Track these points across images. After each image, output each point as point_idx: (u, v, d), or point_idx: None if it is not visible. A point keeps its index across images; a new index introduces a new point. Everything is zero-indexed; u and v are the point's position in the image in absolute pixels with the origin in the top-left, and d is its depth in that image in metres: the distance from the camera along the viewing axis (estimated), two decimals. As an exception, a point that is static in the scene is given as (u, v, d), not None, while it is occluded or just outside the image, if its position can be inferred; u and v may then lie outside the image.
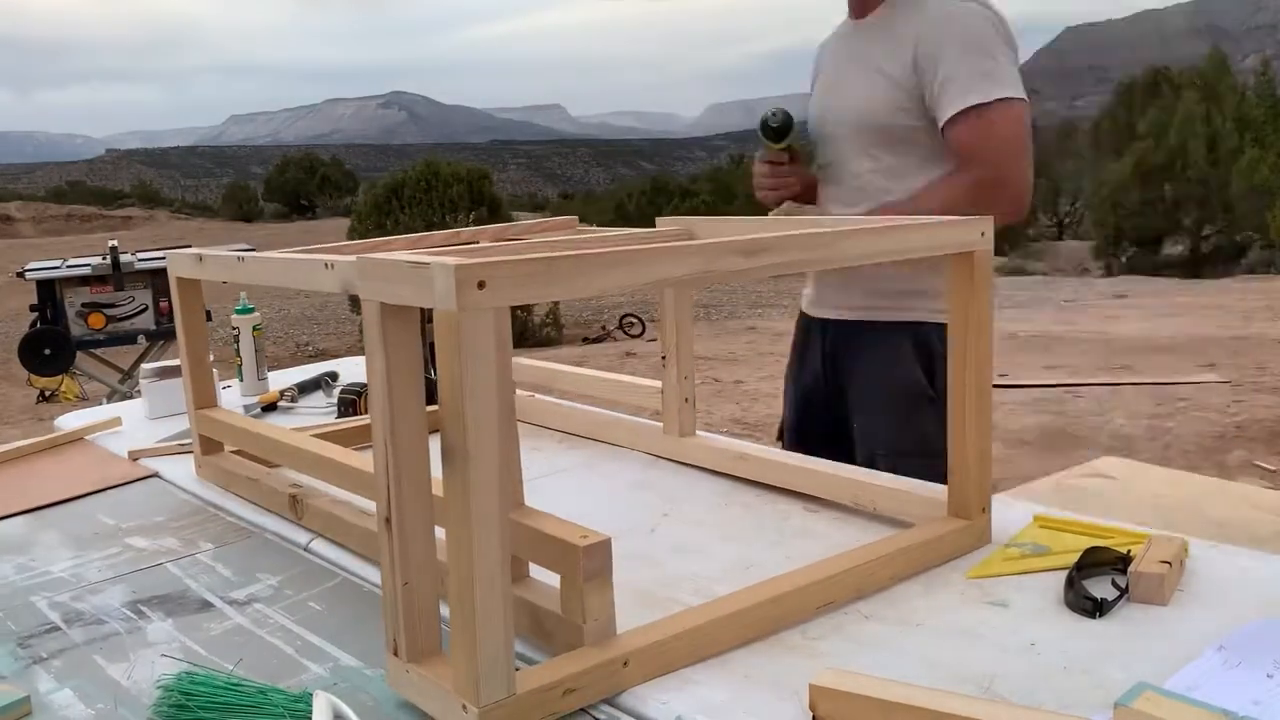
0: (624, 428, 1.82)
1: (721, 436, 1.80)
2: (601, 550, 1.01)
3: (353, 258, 1.13)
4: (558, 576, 1.03)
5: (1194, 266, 20.82)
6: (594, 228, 1.86)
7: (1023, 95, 1.68)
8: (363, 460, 1.35)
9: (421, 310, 0.91)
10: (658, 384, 1.72)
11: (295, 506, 1.46)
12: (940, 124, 1.71)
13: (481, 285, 0.84)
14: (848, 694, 0.90)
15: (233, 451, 1.70)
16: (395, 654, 0.97)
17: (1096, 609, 1.09)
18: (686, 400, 1.68)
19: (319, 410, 2.22)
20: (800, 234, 1.12)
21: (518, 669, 0.93)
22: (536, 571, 1.10)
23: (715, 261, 1.02)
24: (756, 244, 1.06)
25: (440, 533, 0.93)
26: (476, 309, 0.84)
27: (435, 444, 0.90)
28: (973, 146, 1.68)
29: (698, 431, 1.71)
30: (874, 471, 1.51)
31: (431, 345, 0.96)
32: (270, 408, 2.23)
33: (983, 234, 1.24)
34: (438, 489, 0.92)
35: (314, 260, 1.23)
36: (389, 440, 0.92)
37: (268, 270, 1.38)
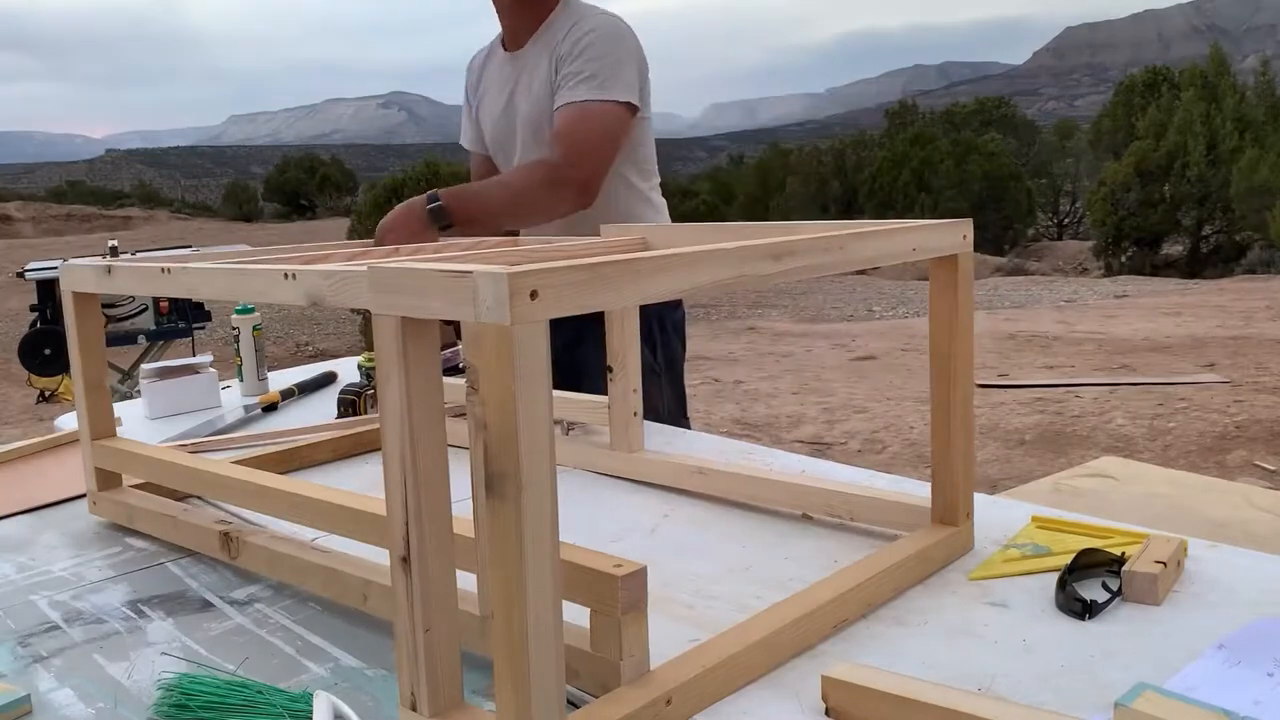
0: (565, 445, 1.72)
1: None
2: (638, 580, 0.93)
3: (320, 267, 1.05)
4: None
5: (1194, 266, 20.83)
6: (523, 237, 1.87)
7: (628, 100, 1.85)
8: (311, 489, 1.26)
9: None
10: (604, 399, 1.66)
11: (228, 545, 1.30)
12: (552, 110, 1.90)
13: (534, 295, 0.76)
14: (861, 687, 0.90)
15: (135, 486, 1.52)
16: (414, 709, 0.89)
17: (1085, 610, 1.09)
18: (635, 414, 1.63)
19: (319, 413, 2.22)
20: (818, 237, 1.09)
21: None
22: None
23: (749, 265, 1.00)
24: (782, 248, 1.03)
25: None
26: (530, 322, 0.76)
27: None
28: (560, 133, 1.84)
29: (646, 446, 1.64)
30: (842, 480, 1.47)
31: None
32: (271, 408, 2.23)
33: (964, 237, 1.23)
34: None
35: (270, 270, 1.10)
36: (408, 470, 0.85)
37: (207, 283, 1.21)
